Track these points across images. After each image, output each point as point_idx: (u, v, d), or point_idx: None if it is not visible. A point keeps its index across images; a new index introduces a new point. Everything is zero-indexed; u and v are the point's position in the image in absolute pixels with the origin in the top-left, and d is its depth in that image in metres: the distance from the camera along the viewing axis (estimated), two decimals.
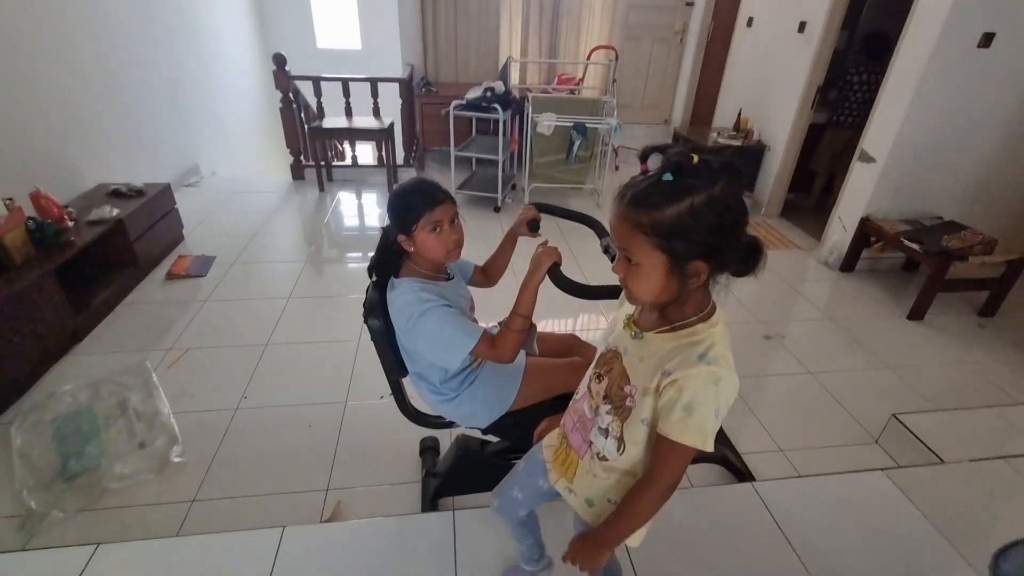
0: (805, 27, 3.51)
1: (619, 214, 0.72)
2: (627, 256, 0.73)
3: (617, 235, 0.73)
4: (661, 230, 0.68)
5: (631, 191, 0.71)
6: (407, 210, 1.12)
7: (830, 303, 2.93)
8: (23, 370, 2.05)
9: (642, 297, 0.75)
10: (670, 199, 0.67)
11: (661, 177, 0.68)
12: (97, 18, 3.09)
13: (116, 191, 2.86)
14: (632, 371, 0.80)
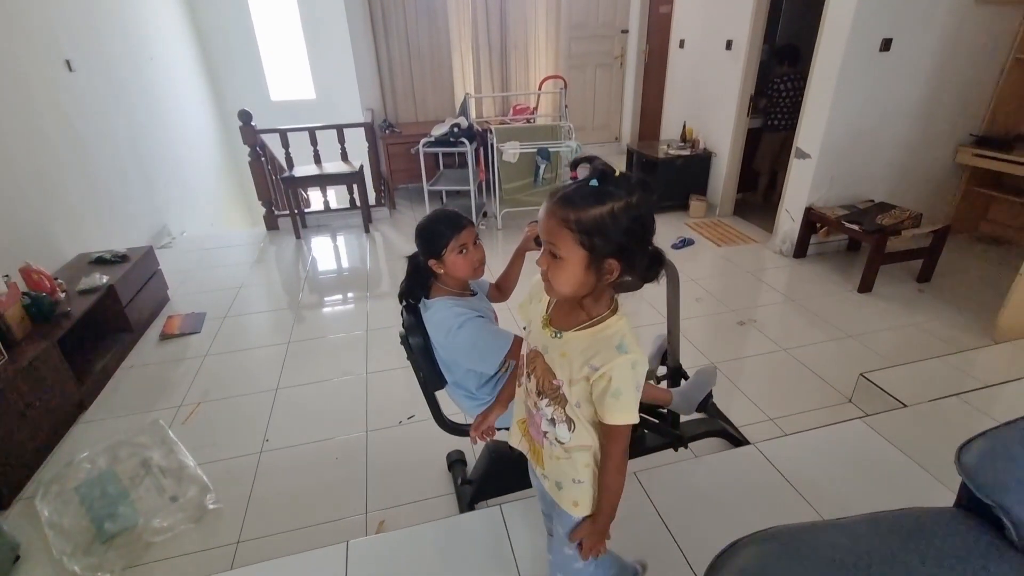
0: (732, 44, 3.91)
1: (549, 211, 0.80)
2: (552, 251, 0.80)
3: (544, 230, 0.80)
4: (584, 227, 0.76)
5: (561, 192, 0.80)
6: (437, 236, 1.27)
7: (789, 286, 3.23)
8: (37, 442, 2.05)
9: (562, 288, 0.82)
10: (594, 202, 0.76)
11: (588, 183, 0.78)
12: (61, 93, 3.14)
13: (100, 258, 2.88)
14: (556, 366, 0.89)
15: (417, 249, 1.33)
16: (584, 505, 0.97)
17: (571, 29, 5.23)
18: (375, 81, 4.93)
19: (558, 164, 4.21)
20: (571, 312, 0.88)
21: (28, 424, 1.99)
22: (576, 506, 0.98)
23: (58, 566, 1.63)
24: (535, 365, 0.94)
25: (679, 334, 1.61)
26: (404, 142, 4.59)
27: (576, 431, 0.91)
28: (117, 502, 1.85)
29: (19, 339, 2.14)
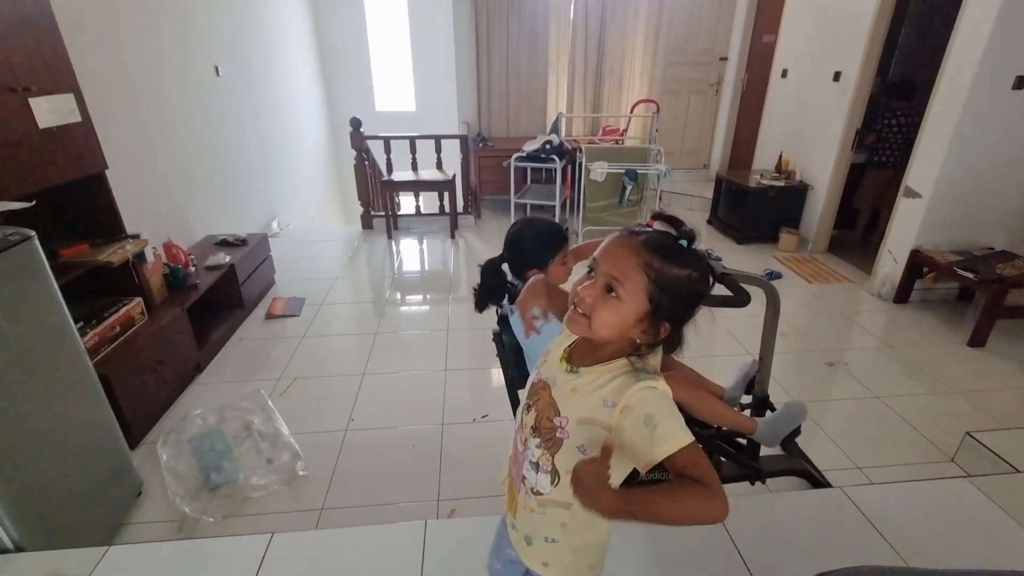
0: (840, 76, 3.77)
1: (628, 246, 0.73)
2: (611, 286, 0.72)
3: (615, 264, 0.73)
4: (662, 281, 0.71)
5: (645, 235, 0.74)
6: (551, 245, 1.34)
7: (887, 332, 3.02)
8: (161, 396, 2.33)
9: (602, 330, 0.73)
10: (680, 261, 0.72)
11: (679, 240, 0.74)
12: (209, 95, 3.58)
13: (224, 240, 3.24)
14: (562, 401, 0.79)
15: (513, 256, 1.40)
16: (556, 567, 0.88)
17: (668, 54, 5.24)
18: (473, 97, 5.18)
19: (644, 187, 4.22)
20: (595, 350, 0.79)
21: (157, 378, 2.27)
22: (546, 567, 0.88)
23: (171, 505, 1.85)
24: (538, 397, 0.84)
25: (771, 363, 1.58)
26: (495, 155, 4.77)
27: (559, 486, 0.80)
28: (222, 457, 2.07)
29: (157, 303, 2.46)
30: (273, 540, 1.50)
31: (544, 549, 0.87)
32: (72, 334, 1.63)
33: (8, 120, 1.69)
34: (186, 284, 2.65)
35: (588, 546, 0.88)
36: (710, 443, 1.65)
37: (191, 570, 1.45)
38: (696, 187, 5.41)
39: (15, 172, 1.71)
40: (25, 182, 1.74)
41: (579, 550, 0.86)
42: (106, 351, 2.04)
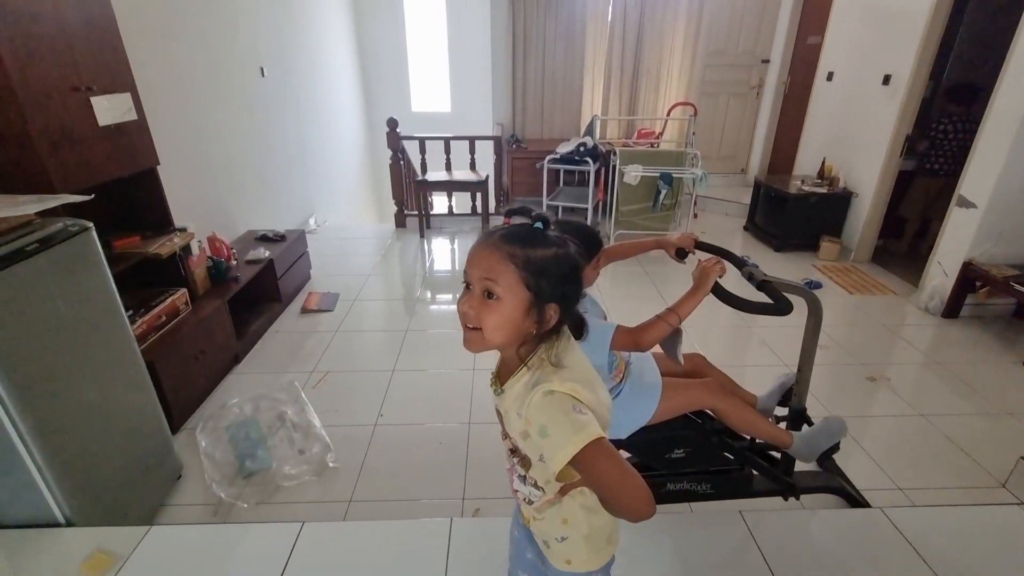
0: (890, 79, 3.62)
1: (490, 245, 0.73)
2: (489, 289, 0.72)
3: (481, 266, 0.73)
4: (531, 266, 0.71)
5: (501, 230, 0.75)
6: (587, 249, 1.34)
7: (934, 348, 2.88)
8: (201, 384, 2.42)
9: (494, 334, 0.73)
10: (541, 243, 0.74)
11: (533, 225, 0.76)
12: (253, 95, 3.70)
13: (264, 236, 3.34)
14: (507, 425, 0.83)
15: None
16: (578, 561, 0.88)
17: (708, 56, 5.14)
18: (508, 98, 5.20)
19: (679, 191, 4.15)
20: (507, 362, 0.80)
21: (198, 367, 2.36)
22: (569, 564, 0.89)
23: (208, 490, 1.92)
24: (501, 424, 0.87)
25: (810, 375, 1.53)
26: (528, 157, 4.78)
27: (546, 490, 0.84)
28: (257, 445, 2.14)
29: (200, 295, 2.55)
30: (304, 529, 1.54)
31: (561, 549, 0.88)
32: (123, 321, 1.71)
33: (72, 117, 1.79)
34: (228, 277, 2.74)
35: (597, 529, 0.88)
36: (742, 455, 1.61)
37: (226, 553, 1.51)
38: (733, 192, 5.29)
39: (77, 166, 1.80)
40: (84, 176, 1.84)
41: (590, 537, 0.87)
42: (152, 339, 2.13)
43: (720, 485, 1.68)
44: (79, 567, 1.42)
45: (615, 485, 0.68)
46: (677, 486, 1.66)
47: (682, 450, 1.56)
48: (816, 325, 1.46)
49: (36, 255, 1.38)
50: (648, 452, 1.60)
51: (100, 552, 1.45)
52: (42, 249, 1.41)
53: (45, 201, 1.44)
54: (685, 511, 1.75)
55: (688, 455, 1.57)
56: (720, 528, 1.59)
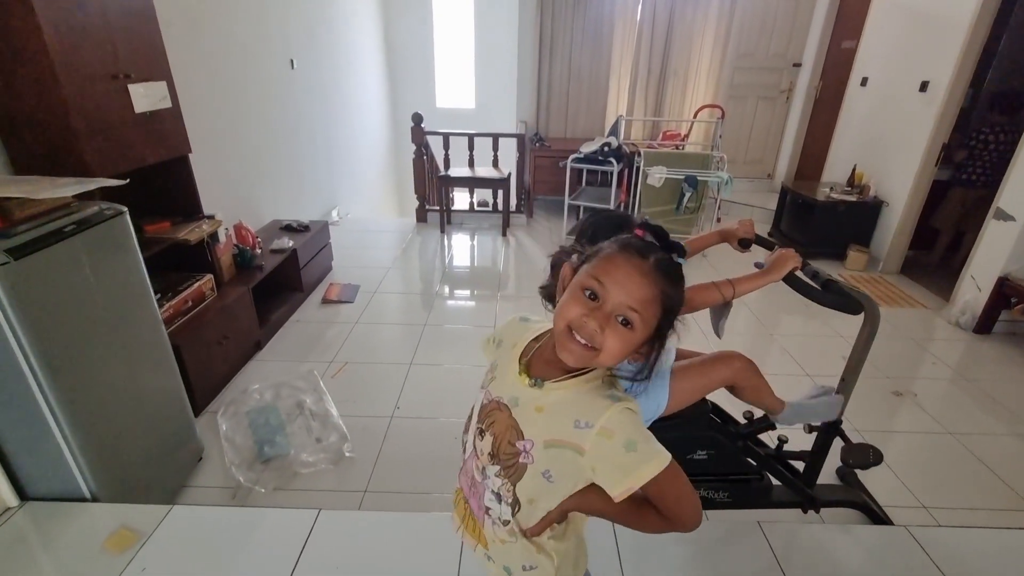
0: (927, 86, 3.52)
1: (647, 275, 0.66)
2: (628, 319, 0.65)
3: (631, 295, 0.65)
4: (669, 306, 0.68)
5: (654, 257, 0.67)
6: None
7: (964, 364, 2.80)
8: (224, 369, 2.46)
9: (609, 360, 0.67)
10: (680, 281, 0.69)
11: (673, 258, 0.70)
12: (284, 87, 3.75)
13: (288, 226, 3.39)
14: (525, 423, 0.72)
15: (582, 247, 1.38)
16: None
17: (738, 58, 5.06)
18: (533, 97, 5.19)
19: (703, 194, 4.09)
20: (554, 360, 0.71)
21: (221, 352, 2.40)
22: None
23: (227, 473, 1.95)
24: (494, 420, 0.76)
25: (854, 387, 1.49)
26: (551, 156, 4.76)
27: (521, 512, 0.76)
28: (276, 432, 2.17)
29: (225, 281, 2.60)
30: (320, 516, 1.56)
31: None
32: (152, 305, 1.75)
33: (109, 103, 1.83)
34: (252, 265, 2.79)
35: (566, 554, 0.83)
36: (766, 462, 1.58)
37: (245, 535, 1.53)
38: (758, 198, 5.20)
39: (113, 152, 1.84)
40: (120, 161, 1.88)
41: (561, 567, 0.82)
42: (179, 323, 2.17)
43: (738, 493, 1.65)
44: (103, 542, 1.45)
45: (684, 500, 0.70)
46: None
47: (705, 452, 1.54)
48: (871, 335, 1.43)
49: (73, 236, 1.42)
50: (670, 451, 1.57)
51: (124, 528, 1.49)
52: (79, 231, 1.44)
53: (83, 184, 1.47)
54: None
55: (710, 458, 1.54)
56: (737, 538, 1.57)
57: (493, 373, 0.81)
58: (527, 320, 0.85)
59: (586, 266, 0.69)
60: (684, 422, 1.49)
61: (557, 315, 0.69)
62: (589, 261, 0.70)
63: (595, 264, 0.68)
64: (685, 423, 1.49)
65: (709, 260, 4.01)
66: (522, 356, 0.77)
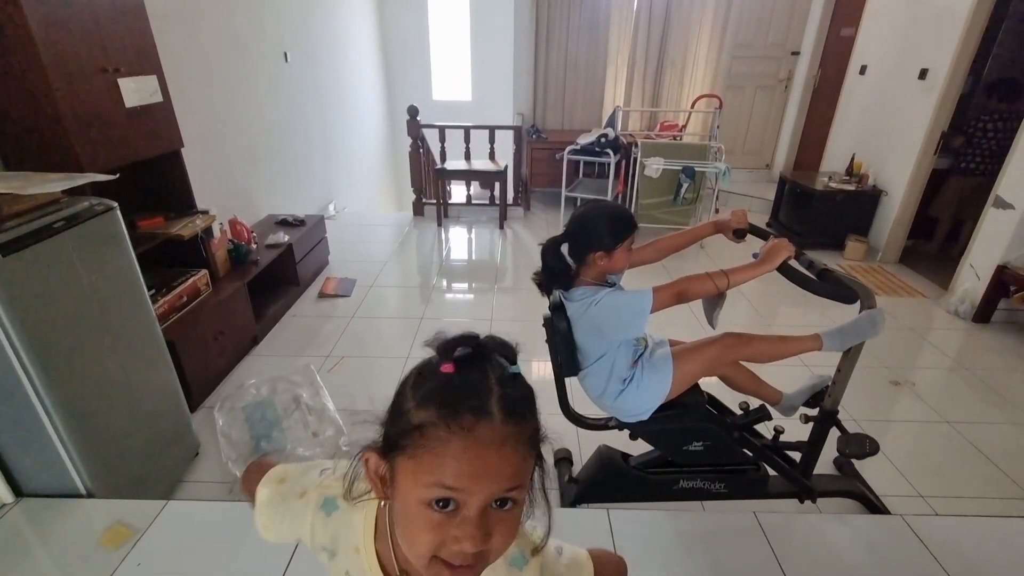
0: (927, 74, 3.49)
1: (502, 438, 0.46)
2: (504, 500, 0.47)
3: (504, 473, 0.46)
4: (537, 438, 0.50)
5: (491, 402, 0.47)
6: (622, 231, 1.32)
7: (964, 353, 2.79)
8: (220, 364, 2.45)
9: (499, 555, 0.50)
10: (529, 393, 0.51)
11: (508, 371, 0.51)
12: (277, 80, 3.72)
13: (284, 220, 3.37)
14: None
15: (579, 237, 1.36)
16: None
17: (735, 48, 5.02)
18: (529, 89, 5.15)
19: (701, 185, 4.07)
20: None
21: (217, 347, 2.39)
22: None
23: (224, 468, 1.95)
24: None
25: (850, 376, 1.48)
26: (548, 147, 4.74)
27: None
28: (272, 427, 2.16)
29: (221, 276, 2.59)
30: None
31: None
32: (145, 301, 1.74)
33: (100, 98, 1.81)
34: (247, 260, 2.77)
35: None
36: (762, 453, 1.58)
37: (242, 529, 1.53)
38: (756, 188, 5.18)
39: (103, 147, 1.83)
40: (111, 156, 1.86)
41: None
42: (173, 318, 2.16)
43: (735, 484, 1.65)
44: (99, 537, 1.45)
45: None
46: (691, 484, 1.64)
47: (700, 443, 1.54)
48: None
49: (63, 232, 1.41)
50: (666, 442, 1.58)
51: (119, 524, 1.49)
52: (68, 227, 1.43)
53: (73, 179, 1.46)
54: (697, 509, 1.73)
55: (706, 448, 1.54)
56: (733, 528, 1.57)
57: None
58: (331, 502, 0.60)
59: (404, 459, 0.48)
60: (680, 414, 1.49)
61: (410, 550, 0.50)
62: (403, 449, 0.48)
63: (421, 457, 0.46)
64: (681, 415, 1.50)
65: (707, 251, 4.00)
66: (382, 565, 0.57)
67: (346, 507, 0.59)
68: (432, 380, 0.50)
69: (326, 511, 0.61)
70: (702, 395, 1.56)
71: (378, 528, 0.58)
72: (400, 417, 0.50)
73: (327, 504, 0.61)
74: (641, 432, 1.51)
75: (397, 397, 0.53)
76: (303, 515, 0.61)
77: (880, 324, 1.40)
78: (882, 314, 1.41)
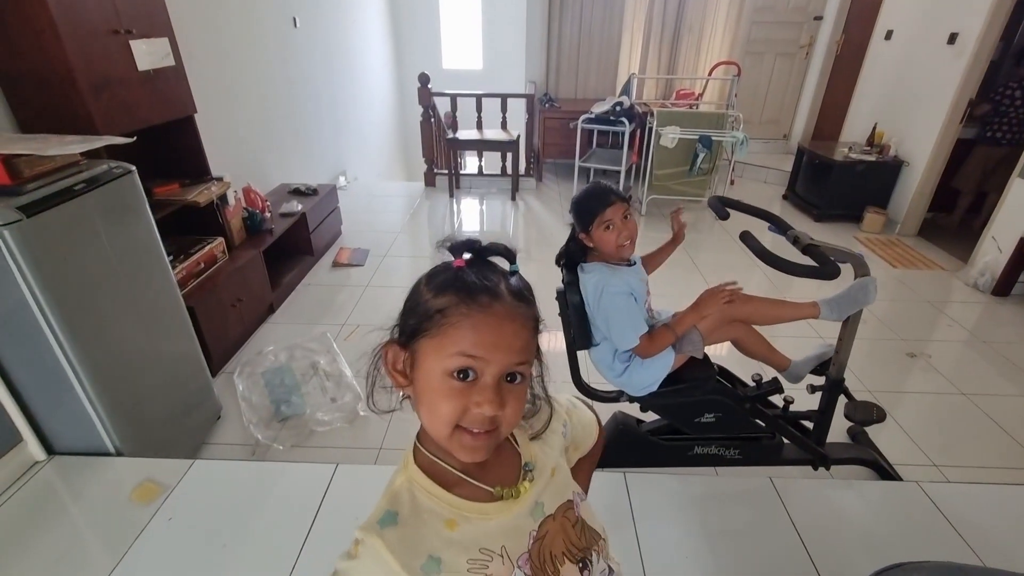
0: (956, 38, 3.36)
1: (513, 315, 0.53)
2: (513, 374, 0.53)
3: (515, 347, 0.53)
4: (538, 324, 0.57)
5: (501, 286, 0.54)
6: (584, 212, 1.33)
7: (981, 326, 2.77)
8: (238, 331, 2.48)
9: (511, 428, 0.56)
10: (531, 290, 0.58)
11: (511, 268, 0.58)
12: (286, 46, 3.65)
13: (297, 190, 3.36)
14: (559, 492, 0.63)
15: (573, 220, 1.40)
16: None
17: (755, 13, 4.84)
18: (542, 56, 5.03)
19: (718, 155, 3.99)
20: (506, 448, 0.62)
21: (235, 314, 2.42)
22: None
23: (245, 431, 2.00)
24: (552, 546, 0.60)
25: (852, 344, 1.48)
26: (561, 117, 4.65)
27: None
28: (291, 392, 2.20)
29: (236, 244, 2.59)
30: (338, 470, 1.59)
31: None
32: (166, 267, 1.75)
33: (112, 60, 1.79)
34: (262, 228, 2.78)
35: None
36: (774, 423, 1.59)
37: (267, 488, 1.57)
38: (773, 159, 5.08)
39: (118, 110, 1.82)
40: (126, 120, 1.85)
41: None
42: (192, 285, 2.18)
43: (749, 451, 1.66)
44: (130, 493, 1.50)
45: None
46: (705, 450, 1.66)
47: (712, 415, 1.54)
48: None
49: (84, 194, 1.41)
50: (678, 415, 1.59)
51: (149, 481, 1.53)
52: (89, 189, 1.43)
53: (91, 141, 1.45)
54: (711, 474, 1.75)
55: (718, 420, 1.55)
56: (748, 493, 1.59)
57: (505, 545, 0.57)
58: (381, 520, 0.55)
59: (427, 340, 0.53)
60: (690, 387, 1.50)
61: (433, 422, 0.54)
62: (426, 332, 0.53)
63: (445, 333, 0.52)
64: (692, 388, 1.50)
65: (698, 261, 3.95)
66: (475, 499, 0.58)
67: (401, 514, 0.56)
68: (446, 273, 0.56)
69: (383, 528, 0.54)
70: (712, 367, 1.56)
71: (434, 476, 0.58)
72: (417, 308, 0.56)
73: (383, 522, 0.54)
74: (651, 405, 1.52)
75: (412, 295, 0.59)
76: (373, 565, 0.53)
77: (872, 291, 1.44)
78: (874, 282, 1.44)
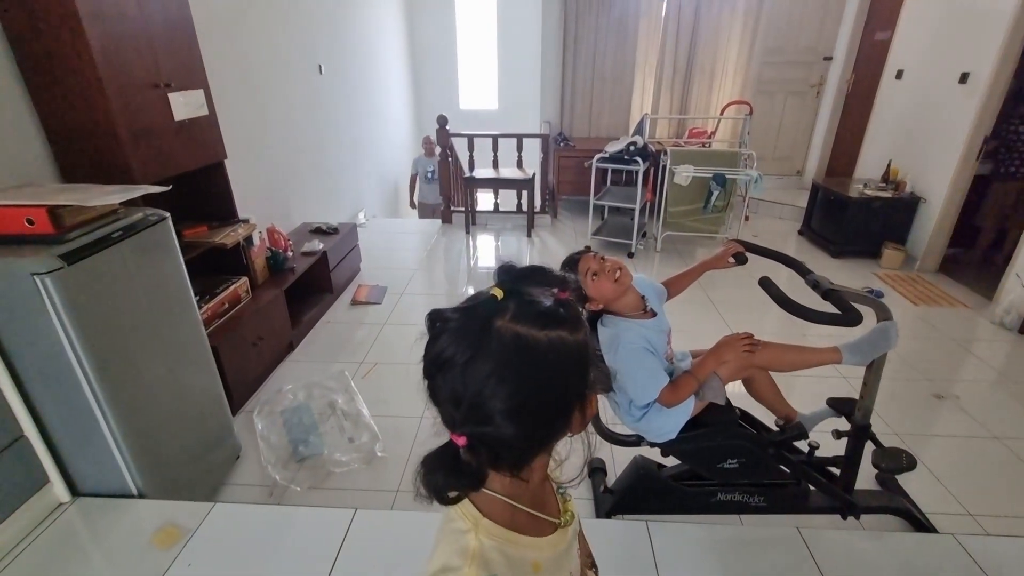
0: (968, 77, 3.40)
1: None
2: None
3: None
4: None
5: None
6: (561, 271, 1.34)
7: (1010, 365, 2.69)
8: (258, 369, 2.52)
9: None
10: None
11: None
12: (312, 92, 3.82)
13: (318, 228, 3.45)
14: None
15: None
16: None
17: (766, 53, 4.95)
18: (556, 97, 5.18)
19: (731, 193, 4.02)
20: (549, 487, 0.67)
21: (256, 353, 2.46)
22: None
23: (263, 471, 2.00)
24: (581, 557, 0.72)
25: (876, 390, 1.46)
26: (576, 155, 4.74)
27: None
28: (309, 431, 2.21)
29: (259, 284, 2.66)
30: (357, 515, 1.58)
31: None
32: (193, 307, 1.80)
33: (152, 113, 1.89)
34: (284, 267, 2.85)
35: None
36: (799, 469, 1.55)
37: (286, 533, 1.57)
38: (788, 195, 5.09)
39: (154, 159, 1.91)
40: (161, 168, 1.94)
41: None
42: (216, 324, 2.23)
43: (774, 498, 1.62)
44: (151, 537, 1.51)
45: None
46: (729, 497, 1.62)
47: (735, 461, 1.52)
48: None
49: (120, 242, 1.48)
50: (700, 460, 1.56)
51: (170, 525, 1.54)
52: (125, 236, 1.50)
53: (130, 191, 1.53)
54: (735, 523, 1.70)
55: (741, 466, 1.52)
56: (774, 543, 1.54)
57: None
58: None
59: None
60: (712, 432, 1.48)
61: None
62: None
63: None
64: (713, 433, 1.48)
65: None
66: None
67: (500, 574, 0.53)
68: (575, 308, 0.57)
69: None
70: (734, 411, 1.54)
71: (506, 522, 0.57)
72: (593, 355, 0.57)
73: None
74: (672, 450, 1.50)
75: (586, 348, 0.56)
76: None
77: (894, 336, 1.43)
78: (895, 326, 1.43)
